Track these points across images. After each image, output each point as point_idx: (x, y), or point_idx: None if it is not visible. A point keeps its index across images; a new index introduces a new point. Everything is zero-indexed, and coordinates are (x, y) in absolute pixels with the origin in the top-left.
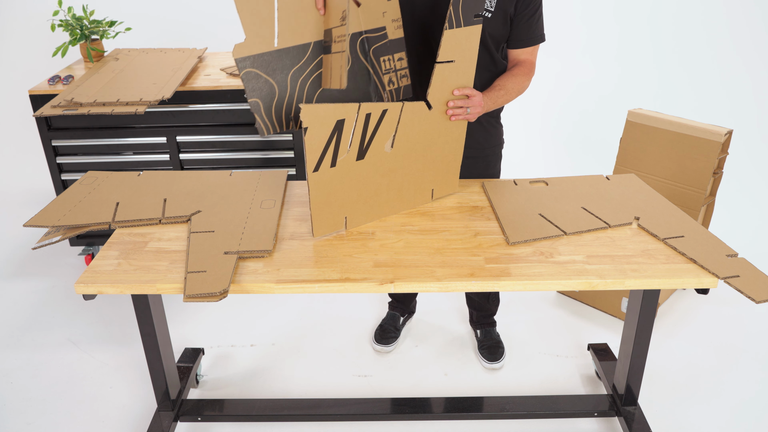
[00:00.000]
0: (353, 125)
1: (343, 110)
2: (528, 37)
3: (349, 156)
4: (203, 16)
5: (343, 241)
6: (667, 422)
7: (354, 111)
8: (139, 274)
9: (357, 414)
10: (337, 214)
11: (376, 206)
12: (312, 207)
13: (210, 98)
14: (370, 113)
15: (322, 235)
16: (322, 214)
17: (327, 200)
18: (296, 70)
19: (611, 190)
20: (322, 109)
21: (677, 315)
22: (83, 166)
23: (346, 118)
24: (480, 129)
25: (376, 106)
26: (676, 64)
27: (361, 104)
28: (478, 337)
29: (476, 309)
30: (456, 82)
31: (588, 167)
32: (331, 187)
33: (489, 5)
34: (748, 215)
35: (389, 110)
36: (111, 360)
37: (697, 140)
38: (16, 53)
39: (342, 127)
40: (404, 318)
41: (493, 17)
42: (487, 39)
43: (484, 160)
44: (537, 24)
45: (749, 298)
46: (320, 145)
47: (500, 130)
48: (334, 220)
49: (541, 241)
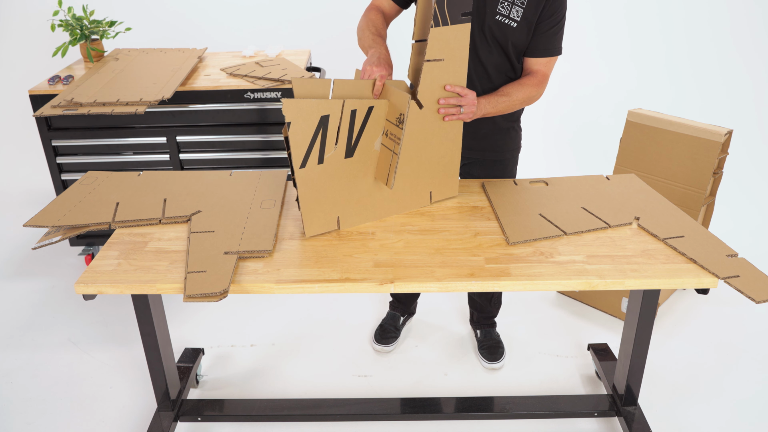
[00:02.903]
0: (338, 121)
1: (326, 105)
2: (544, 48)
3: (336, 153)
4: (203, 17)
5: (343, 241)
6: (667, 422)
7: (338, 107)
8: (139, 274)
9: (357, 414)
10: (328, 212)
11: (371, 207)
12: (301, 204)
13: (210, 98)
14: (355, 110)
15: (315, 233)
16: (313, 213)
17: (316, 198)
18: None
19: (611, 190)
20: (305, 104)
21: (677, 315)
22: (83, 166)
23: (330, 114)
24: (499, 133)
25: (361, 102)
26: (676, 64)
27: (345, 100)
28: (478, 337)
29: (477, 310)
30: (447, 81)
31: (588, 167)
32: (319, 185)
33: (515, 15)
34: (748, 215)
35: (375, 107)
36: (111, 360)
37: (697, 140)
38: (16, 53)
39: (327, 123)
40: (404, 318)
41: (518, 27)
42: (509, 47)
43: (501, 163)
44: (555, 37)
45: (749, 298)
46: (305, 141)
47: (519, 134)
48: (325, 218)
49: (541, 241)
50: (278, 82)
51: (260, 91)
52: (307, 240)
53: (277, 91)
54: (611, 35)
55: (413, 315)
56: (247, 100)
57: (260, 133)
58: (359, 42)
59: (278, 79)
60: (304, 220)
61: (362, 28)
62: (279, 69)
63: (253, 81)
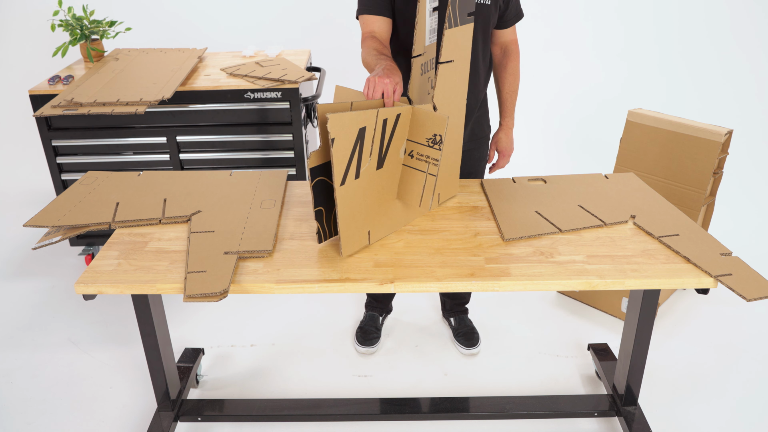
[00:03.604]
0: (373, 132)
1: (364, 117)
2: (515, 15)
3: (370, 165)
4: (203, 17)
5: None
6: (667, 422)
7: (373, 117)
8: (139, 274)
9: (357, 414)
10: (362, 228)
11: (394, 217)
12: (340, 223)
13: (210, 98)
14: (386, 119)
15: (351, 252)
16: (349, 230)
17: (353, 215)
18: None
19: (609, 188)
20: (347, 118)
21: (677, 315)
22: (83, 166)
23: (367, 125)
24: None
25: (391, 110)
26: (676, 64)
27: (378, 110)
28: (453, 325)
29: (450, 298)
30: (454, 82)
31: (588, 167)
32: (356, 200)
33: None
34: (748, 215)
35: (402, 114)
36: (111, 360)
37: (697, 140)
38: (16, 53)
39: (364, 135)
40: (383, 318)
41: (493, 4)
42: (489, 27)
43: (478, 150)
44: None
45: (740, 296)
46: (346, 156)
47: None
48: (360, 234)
49: (540, 240)
50: (278, 82)
51: (260, 91)
52: (307, 240)
53: (278, 91)
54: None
55: (390, 312)
56: (247, 100)
57: (260, 133)
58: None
59: (278, 79)
60: (342, 239)
61: (365, 57)
62: (279, 69)
63: (253, 81)
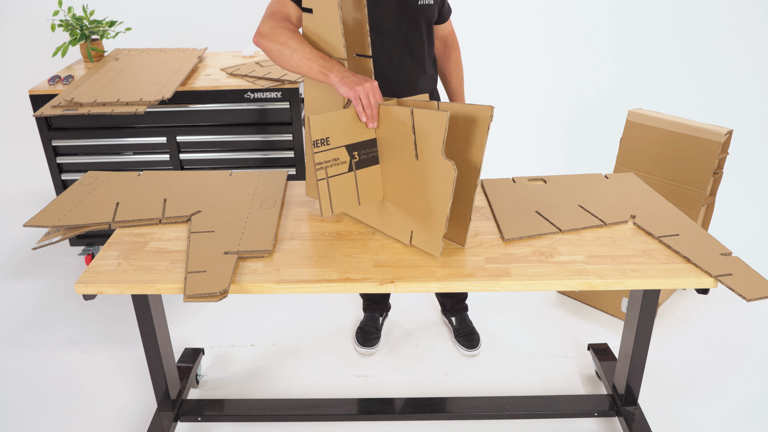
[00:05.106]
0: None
1: None
2: (448, 9)
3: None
4: (203, 17)
5: (344, 241)
6: (667, 422)
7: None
8: (139, 274)
9: (357, 414)
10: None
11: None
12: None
13: (210, 98)
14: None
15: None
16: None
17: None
18: None
19: (609, 188)
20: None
21: (677, 315)
22: (83, 166)
23: None
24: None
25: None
26: (676, 64)
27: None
28: (454, 325)
29: (450, 297)
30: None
31: (588, 167)
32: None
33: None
34: (748, 215)
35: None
36: (111, 360)
37: (697, 140)
38: (16, 53)
39: None
40: (383, 317)
41: (435, 3)
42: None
43: None
44: None
45: (740, 296)
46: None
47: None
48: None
49: (540, 240)
50: (278, 82)
51: (260, 91)
52: (307, 240)
53: (278, 91)
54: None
55: (389, 310)
56: (247, 100)
57: (260, 133)
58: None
59: (278, 79)
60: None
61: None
62: (279, 69)
63: (253, 81)
